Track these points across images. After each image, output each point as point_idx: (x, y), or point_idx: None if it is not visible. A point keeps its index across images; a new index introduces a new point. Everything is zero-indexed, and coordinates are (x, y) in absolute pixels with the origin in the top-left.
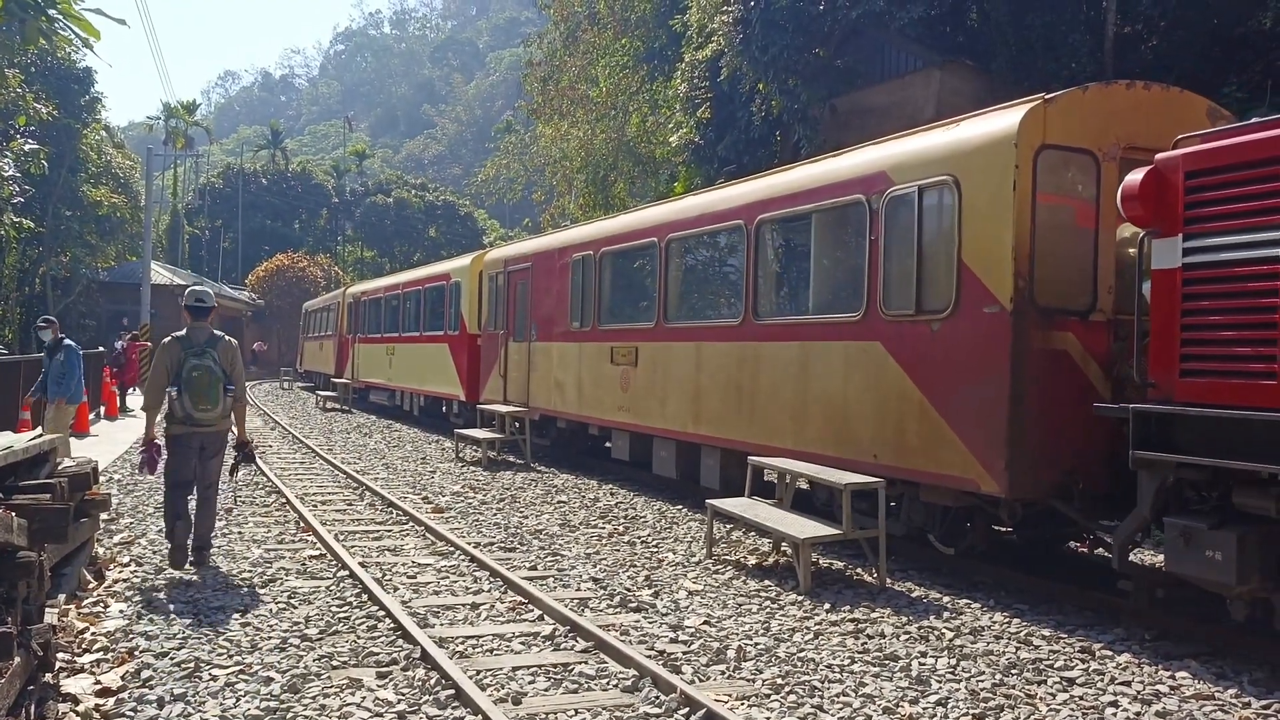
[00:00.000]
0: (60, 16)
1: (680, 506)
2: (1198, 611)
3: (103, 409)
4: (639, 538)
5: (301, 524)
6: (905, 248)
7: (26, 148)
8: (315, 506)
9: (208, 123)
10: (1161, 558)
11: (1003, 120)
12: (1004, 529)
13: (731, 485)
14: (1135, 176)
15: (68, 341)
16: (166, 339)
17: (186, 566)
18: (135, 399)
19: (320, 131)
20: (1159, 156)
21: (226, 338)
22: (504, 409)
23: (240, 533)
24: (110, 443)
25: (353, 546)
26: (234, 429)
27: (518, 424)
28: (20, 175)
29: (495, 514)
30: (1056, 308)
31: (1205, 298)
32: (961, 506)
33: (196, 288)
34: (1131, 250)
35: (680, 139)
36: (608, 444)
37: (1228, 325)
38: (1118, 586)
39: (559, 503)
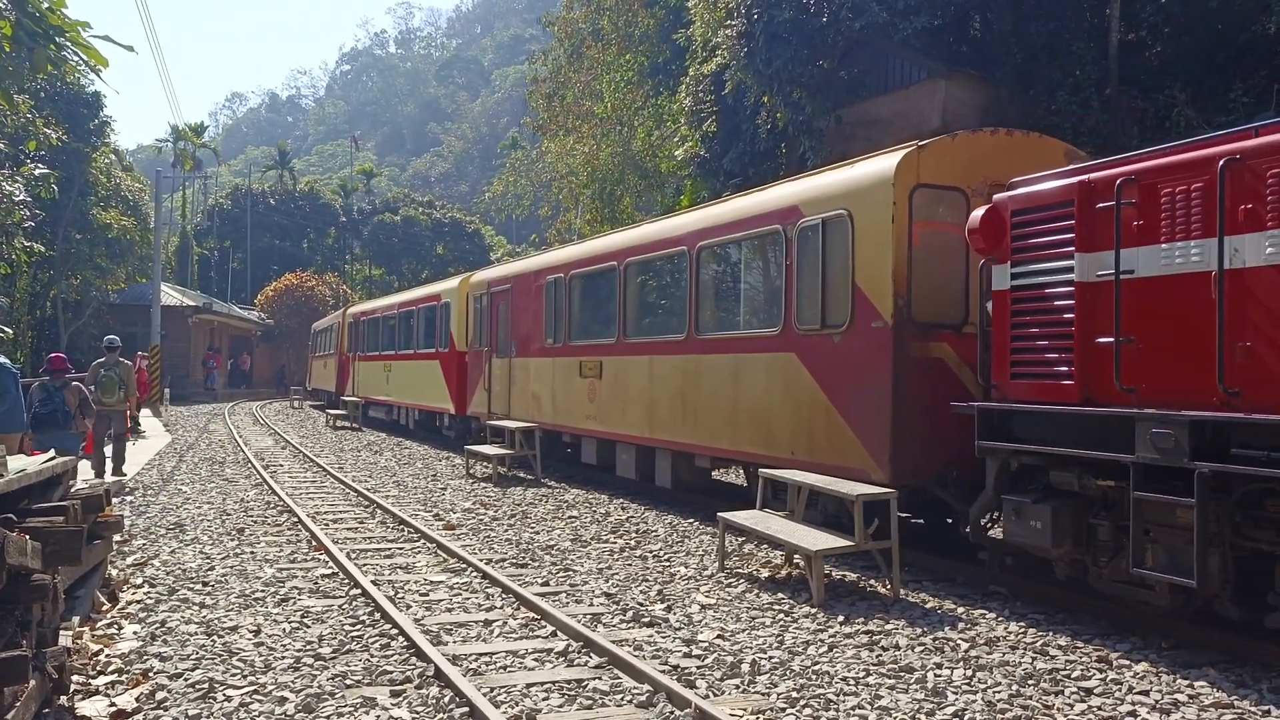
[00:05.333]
0: (69, 44)
1: (691, 520)
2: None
3: None
4: (651, 551)
5: (313, 543)
6: (813, 271)
7: (37, 172)
8: (327, 525)
9: (215, 144)
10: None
11: (883, 163)
12: (907, 514)
13: (681, 484)
14: (978, 213)
15: (1, 360)
16: (96, 361)
17: (108, 476)
18: (146, 418)
19: (327, 151)
20: (995, 197)
21: (125, 361)
22: (513, 424)
23: (253, 552)
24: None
25: (365, 564)
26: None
27: (496, 436)
28: (31, 200)
29: (506, 530)
30: (932, 322)
31: (1027, 314)
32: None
33: (109, 336)
34: None
35: (686, 152)
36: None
37: (1041, 336)
38: (977, 556)
39: (570, 518)
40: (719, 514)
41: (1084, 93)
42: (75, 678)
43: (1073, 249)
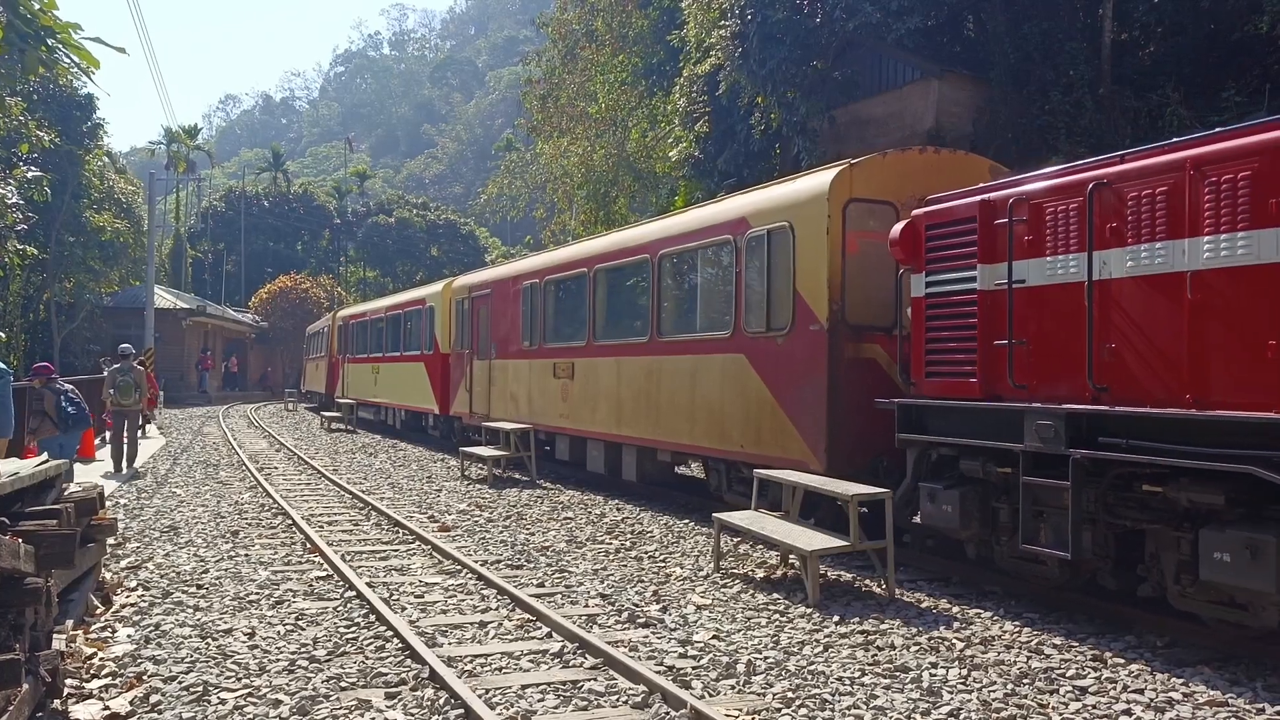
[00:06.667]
0: (60, 46)
1: (687, 520)
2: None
3: (107, 434)
4: (646, 552)
5: (308, 545)
6: (759, 278)
7: (30, 175)
8: (322, 527)
9: (209, 146)
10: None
11: (820, 179)
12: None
13: (646, 477)
14: (898, 227)
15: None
16: (113, 367)
17: (123, 469)
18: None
19: (321, 153)
20: (914, 212)
21: (138, 366)
22: (509, 426)
23: (247, 555)
24: (110, 478)
25: (360, 567)
26: (144, 408)
27: (464, 429)
28: (24, 202)
29: (502, 531)
30: (865, 325)
31: (939, 319)
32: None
33: (123, 345)
34: None
35: (680, 153)
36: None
37: (951, 339)
38: (901, 540)
39: (565, 519)
40: (714, 514)
41: (1077, 92)
42: (69, 681)
43: (975, 260)
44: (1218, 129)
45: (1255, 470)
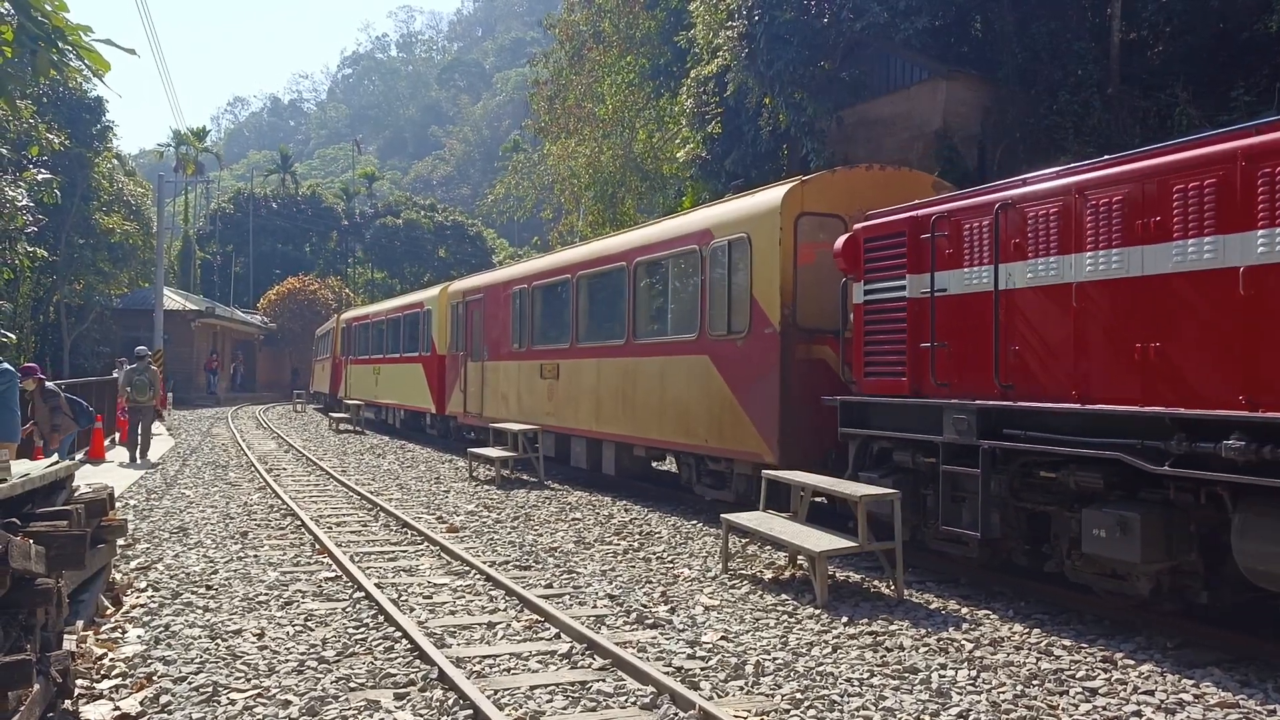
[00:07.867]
0: (70, 48)
1: (695, 521)
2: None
3: (117, 435)
4: (654, 553)
5: (317, 546)
6: (721, 285)
7: (39, 177)
8: (330, 528)
9: (218, 149)
10: None
11: (773, 194)
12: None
13: (624, 472)
14: (841, 239)
15: (5, 366)
16: (129, 367)
17: (138, 459)
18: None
19: (329, 155)
20: (854, 226)
21: (152, 366)
22: (517, 426)
23: (256, 556)
24: (126, 468)
25: (368, 568)
26: (156, 404)
27: (459, 428)
28: (34, 205)
29: (510, 532)
30: (815, 328)
31: (875, 323)
32: (759, 476)
33: (139, 347)
34: None
35: (687, 154)
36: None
37: (884, 342)
38: (847, 525)
39: (573, 520)
40: (723, 515)
41: (1085, 92)
42: (79, 682)
43: (905, 271)
44: (1105, 156)
45: (1121, 456)
